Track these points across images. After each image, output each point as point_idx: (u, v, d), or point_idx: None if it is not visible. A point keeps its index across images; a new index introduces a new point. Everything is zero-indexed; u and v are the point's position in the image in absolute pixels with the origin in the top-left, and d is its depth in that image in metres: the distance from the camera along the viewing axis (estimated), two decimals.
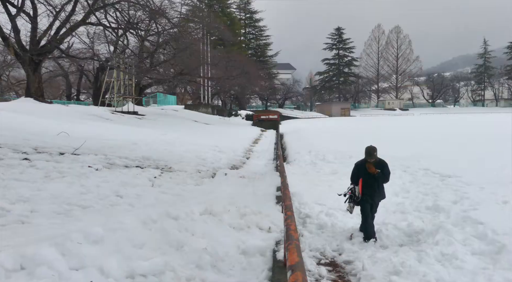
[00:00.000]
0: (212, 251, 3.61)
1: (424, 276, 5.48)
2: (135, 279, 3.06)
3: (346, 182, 12.75)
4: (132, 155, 10.69)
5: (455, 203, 8.50)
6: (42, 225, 4.00)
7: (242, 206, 5.23)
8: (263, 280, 3.42)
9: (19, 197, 5.10)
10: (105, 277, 3.00)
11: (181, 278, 3.16)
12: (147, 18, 28.68)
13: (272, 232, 4.71)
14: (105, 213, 4.60)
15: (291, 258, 1.92)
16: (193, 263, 3.42)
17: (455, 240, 6.52)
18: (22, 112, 17.13)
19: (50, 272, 2.84)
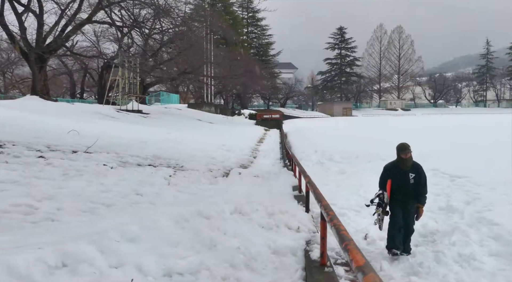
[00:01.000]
0: (244, 250, 3.64)
1: (444, 277, 5.50)
2: (173, 278, 3.09)
3: (354, 181, 12.84)
4: (143, 153, 10.72)
5: (468, 204, 8.52)
6: (71, 222, 4.03)
7: (269, 205, 5.26)
8: (298, 280, 3.44)
9: (43, 194, 5.13)
10: (144, 275, 3.02)
11: (216, 277, 3.18)
12: (151, 17, 28.70)
13: (301, 231, 4.73)
14: (130, 211, 4.62)
15: (356, 259, 1.93)
16: (227, 262, 3.45)
17: (471, 241, 6.54)
18: (30, 110, 17.15)
19: (91, 269, 2.87)
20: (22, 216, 4.31)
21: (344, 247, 2.16)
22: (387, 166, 6.39)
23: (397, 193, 6.16)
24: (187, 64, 34.67)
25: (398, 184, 6.13)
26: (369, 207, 6.36)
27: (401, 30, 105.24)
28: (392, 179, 6.15)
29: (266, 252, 3.85)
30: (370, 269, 1.78)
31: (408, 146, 6.13)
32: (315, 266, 3.36)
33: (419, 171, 6.26)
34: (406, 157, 6.05)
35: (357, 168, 14.56)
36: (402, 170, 6.15)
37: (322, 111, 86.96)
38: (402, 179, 6.13)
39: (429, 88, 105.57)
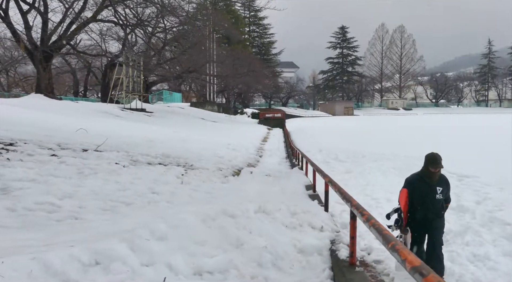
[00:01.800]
0: (271, 249, 3.66)
1: (460, 277, 5.51)
2: (203, 276, 3.11)
3: (361, 181, 12.86)
4: (152, 152, 10.74)
5: (478, 203, 8.53)
6: (95, 220, 4.06)
7: (292, 205, 5.28)
8: (325, 279, 3.46)
9: (63, 193, 5.16)
10: (175, 273, 3.05)
11: (245, 276, 3.20)
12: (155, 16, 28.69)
13: (324, 231, 4.75)
14: (151, 210, 4.65)
15: (410, 259, 1.93)
16: (255, 261, 3.47)
17: (485, 241, 6.56)
18: (35, 108, 17.17)
19: (124, 267, 2.89)
20: (46, 214, 4.34)
21: (391, 247, 2.16)
22: (410, 179, 5.33)
23: (421, 210, 5.26)
24: (190, 63, 34.67)
25: (423, 200, 5.21)
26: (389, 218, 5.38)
27: (403, 30, 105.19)
28: (415, 194, 5.19)
29: (292, 251, 3.87)
30: (428, 270, 1.78)
31: (440, 159, 5.13)
32: (344, 266, 3.37)
33: (447, 184, 5.45)
34: (435, 171, 5.10)
35: (363, 167, 14.58)
36: (428, 184, 5.21)
37: (324, 110, 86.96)
38: (428, 194, 5.21)
39: (430, 87, 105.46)
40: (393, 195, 10.50)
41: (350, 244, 3.35)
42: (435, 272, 3.71)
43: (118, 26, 29.90)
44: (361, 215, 3.00)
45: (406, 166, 13.49)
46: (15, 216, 4.03)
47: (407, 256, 1.95)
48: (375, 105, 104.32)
